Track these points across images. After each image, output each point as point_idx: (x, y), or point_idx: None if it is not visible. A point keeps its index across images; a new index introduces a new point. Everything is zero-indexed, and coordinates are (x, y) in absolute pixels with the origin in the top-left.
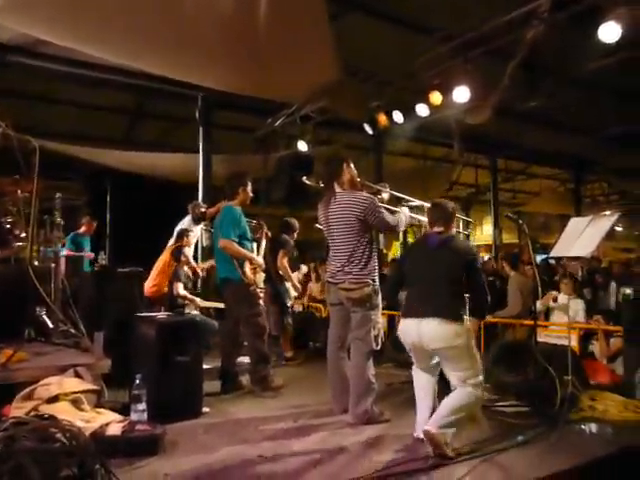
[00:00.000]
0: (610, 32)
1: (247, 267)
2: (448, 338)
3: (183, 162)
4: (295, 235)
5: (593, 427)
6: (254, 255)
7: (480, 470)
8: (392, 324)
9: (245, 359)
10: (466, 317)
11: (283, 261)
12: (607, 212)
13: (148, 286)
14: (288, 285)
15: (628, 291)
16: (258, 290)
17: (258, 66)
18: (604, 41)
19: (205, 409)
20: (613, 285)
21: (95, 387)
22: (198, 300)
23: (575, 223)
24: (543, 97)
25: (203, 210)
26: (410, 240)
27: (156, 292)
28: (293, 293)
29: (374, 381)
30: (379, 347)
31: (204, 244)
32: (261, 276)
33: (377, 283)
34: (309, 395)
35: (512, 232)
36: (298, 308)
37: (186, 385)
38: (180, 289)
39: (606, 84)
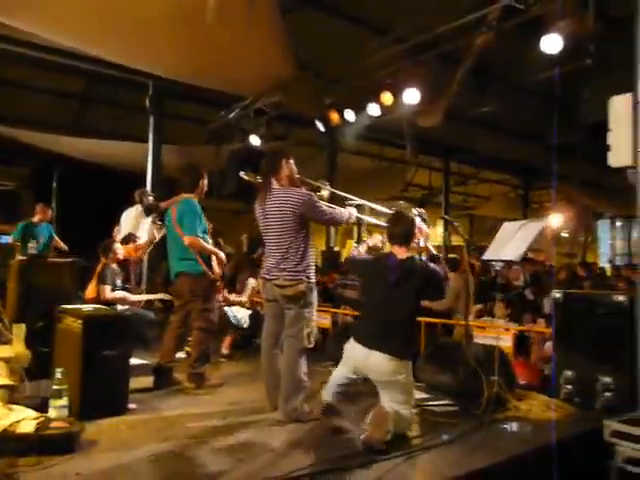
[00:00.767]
0: (552, 44)
1: (214, 262)
2: (392, 373)
3: (133, 151)
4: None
5: (515, 426)
6: (218, 250)
7: (402, 468)
8: (336, 322)
9: (180, 354)
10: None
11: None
12: (541, 216)
13: (88, 292)
14: None
15: (558, 295)
16: (219, 285)
17: (210, 57)
18: (546, 52)
19: (132, 405)
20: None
21: (8, 382)
22: (132, 297)
23: (507, 228)
24: (493, 103)
25: (151, 199)
26: (364, 238)
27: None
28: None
29: (306, 379)
30: (312, 345)
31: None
32: None
33: (312, 280)
34: (244, 392)
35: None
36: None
37: (111, 380)
38: (107, 292)
39: (551, 94)
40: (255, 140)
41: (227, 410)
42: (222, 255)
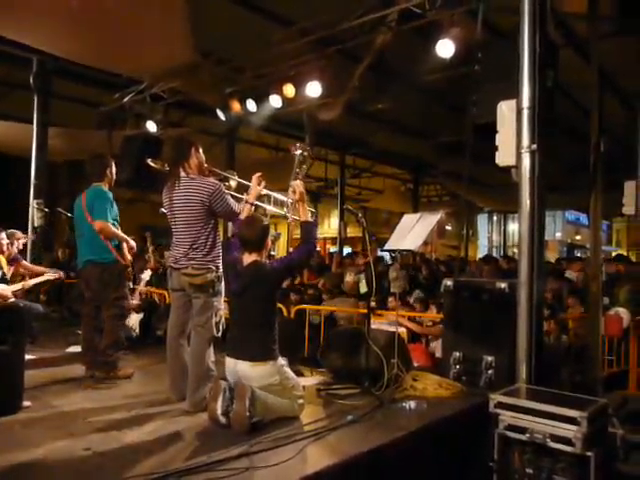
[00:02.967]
0: (445, 48)
1: (125, 249)
2: (262, 378)
3: (14, 132)
4: None
5: (412, 404)
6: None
7: (310, 448)
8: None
9: (77, 348)
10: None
11: None
12: (436, 210)
13: None
14: None
15: (449, 283)
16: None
17: (103, 35)
18: (440, 56)
19: (26, 403)
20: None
21: None
22: (13, 287)
23: (407, 219)
24: (388, 100)
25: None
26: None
27: None
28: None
29: (213, 368)
30: (220, 334)
31: (36, 224)
32: None
33: (220, 269)
34: (147, 384)
35: (357, 226)
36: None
37: (3, 377)
38: None
39: (442, 95)
40: (152, 126)
41: (131, 403)
42: (132, 242)
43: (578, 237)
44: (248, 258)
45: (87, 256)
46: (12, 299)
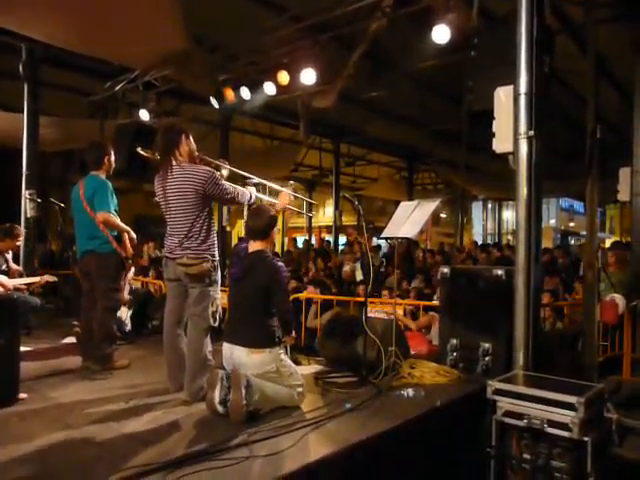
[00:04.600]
0: (441, 34)
1: (126, 240)
2: (258, 366)
3: (4, 121)
4: None
5: (410, 392)
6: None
7: (310, 436)
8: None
9: (72, 339)
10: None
11: None
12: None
13: None
14: None
15: (445, 270)
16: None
17: (92, 21)
18: (436, 42)
19: (22, 395)
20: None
21: None
22: (6, 280)
23: (404, 207)
24: (383, 88)
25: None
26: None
27: None
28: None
29: (211, 358)
30: (217, 323)
31: (29, 215)
32: None
33: (216, 258)
34: (144, 375)
35: (352, 214)
36: (136, 285)
37: None
38: None
39: (437, 83)
40: (144, 115)
41: (128, 393)
42: (133, 234)
43: (572, 224)
44: (253, 246)
45: (86, 246)
46: (11, 290)
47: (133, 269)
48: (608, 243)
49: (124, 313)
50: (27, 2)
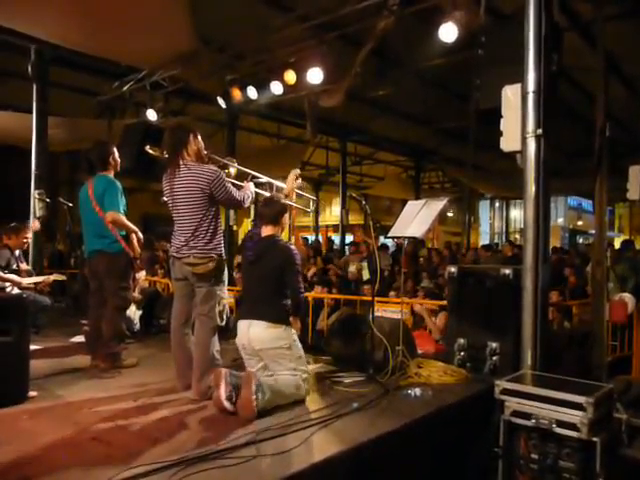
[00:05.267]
0: (448, 32)
1: (134, 240)
2: (272, 340)
3: (13, 122)
4: None
5: (417, 391)
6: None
7: (318, 435)
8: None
9: (81, 338)
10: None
11: None
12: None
13: None
14: None
15: (453, 269)
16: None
17: (101, 22)
18: (443, 40)
19: (32, 393)
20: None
21: None
22: (17, 278)
23: (411, 206)
24: (390, 87)
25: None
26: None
27: None
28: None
29: (218, 357)
30: (224, 323)
31: (38, 215)
32: None
33: (223, 257)
34: (152, 373)
35: (359, 213)
36: (144, 284)
37: (8, 368)
38: None
39: (444, 81)
40: (152, 115)
41: (137, 392)
42: (140, 234)
43: (580, 222)
44: (265, 230)
45: (94, 246)
46: (23, 285)
47: (144, 272)
48: (617, 242)
49: (133, 313)
50: (37, 3)
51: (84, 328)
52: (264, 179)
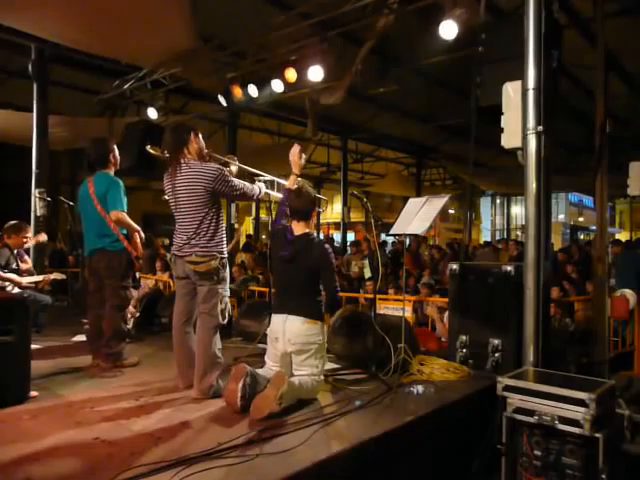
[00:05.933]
0: (448, 30)
1: (136, 239)
2: (308, 335)
3: (14, 120)
4: None
5: (420, 388)
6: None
7: (321, 433)
8: (240, 299)
9: (82, 337)
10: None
11: None
12: (442, 194)
13: None
14: None
15: (455, 266)
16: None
17: (101, 20)
18: (443, 38)
19: (33, 393)
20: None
21: None
22: (18, 278)
23: (412, 203)
24: (391, 84)
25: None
26: (262, 215)
27: None
28: None
29: (220, 355)
30: (226, 321)
31: (38, 213)
32: None
33: (225, 256)
34: (153, 372)
35: (360, 211)
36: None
37: (9, 368)
38: None
39: (445, 78)
40: (152, 113)
41: (138, 391)
42: (142, 233)
43: (581, 219)
44: (297, 227)
45: (95, 244)
46: (23, 284)
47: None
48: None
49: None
50: (37, 2)
51: (85, 327)
52: (268, 177)
